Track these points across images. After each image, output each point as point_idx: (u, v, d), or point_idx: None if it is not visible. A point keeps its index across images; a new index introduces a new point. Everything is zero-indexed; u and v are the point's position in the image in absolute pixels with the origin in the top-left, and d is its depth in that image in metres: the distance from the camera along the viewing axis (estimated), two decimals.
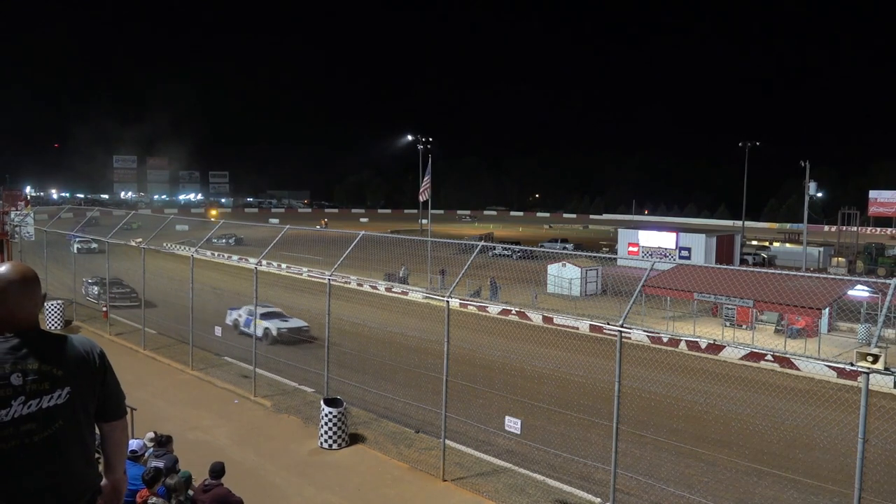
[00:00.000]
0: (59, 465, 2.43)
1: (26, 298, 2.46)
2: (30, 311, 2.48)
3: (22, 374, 2.35)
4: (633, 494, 10.74)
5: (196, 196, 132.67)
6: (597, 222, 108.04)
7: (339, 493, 10.69)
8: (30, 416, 2.36)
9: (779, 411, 14.12)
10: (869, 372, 7.39)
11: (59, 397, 2.42)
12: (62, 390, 2.43)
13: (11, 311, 2.41)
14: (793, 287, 20.22)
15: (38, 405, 2.37)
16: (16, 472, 2.33)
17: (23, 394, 2.34)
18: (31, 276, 2.51)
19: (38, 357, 2.40)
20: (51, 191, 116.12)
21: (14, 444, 2.32)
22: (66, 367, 2.46)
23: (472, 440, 12.68)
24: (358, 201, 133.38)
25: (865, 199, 69.63)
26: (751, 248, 51.44)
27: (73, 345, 2.55)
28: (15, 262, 2.56)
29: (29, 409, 2.36)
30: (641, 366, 15.42)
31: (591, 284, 30.99)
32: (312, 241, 30.53)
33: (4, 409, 2.32)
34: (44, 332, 2.51)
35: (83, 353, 2.54)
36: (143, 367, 17.53)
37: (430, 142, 43.58)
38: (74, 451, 2.49)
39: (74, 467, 2.49)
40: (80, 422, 2.51)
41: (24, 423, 2.34)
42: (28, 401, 2.35)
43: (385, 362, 16.80)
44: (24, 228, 26.09)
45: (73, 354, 2.51)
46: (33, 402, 2.37)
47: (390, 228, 66.21)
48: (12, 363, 2.35)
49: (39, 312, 2.54)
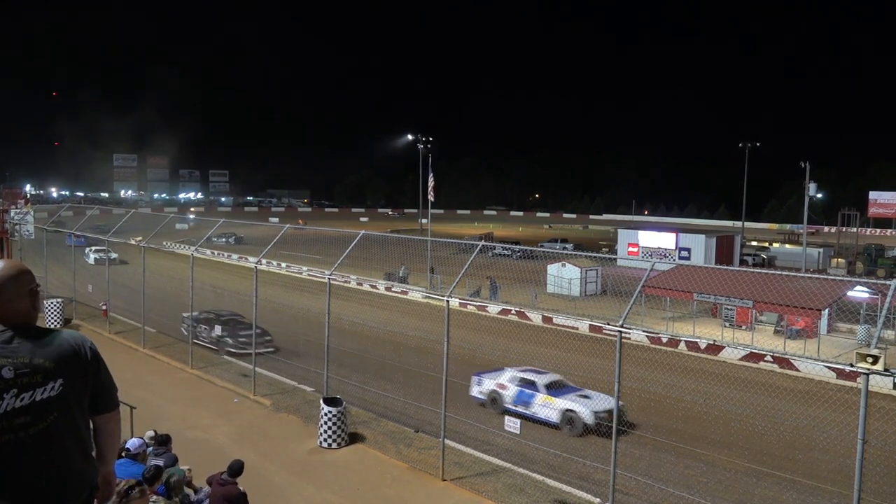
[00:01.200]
0: (55, 458, 2.43)
1: (17, 293, 2.47)
2: (22, 306, 2.48)
3: (13, 368, 2.36)
4: (633, 495, 10.74)
5: (196, 195, 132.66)
6: (596, 222, 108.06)
7: (338, 493, 10.69)
8: (23, 409, 2.36)
9: (778, 412, 14.12)
10: (868, 373, 7.40)
11: (52, 389, 2.42)
12: (55, 382, 2.43)
13: (3, 305, 2.42)
14: (792, 288, 20.22)
15: (32, 398, 2.38)
16: (12, 466, 2.33)
17: (15, 387, 2.34)
18: (23, 272, 2.53)
19: (30, 350, 2.41)
20: (50, 189, 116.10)
21: (8, 438, 2.32)
22: (58, 360, 2.47)
23: (471, 440, 12.69)
24: (358, 201, 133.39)
25: (865, 200, 69.65)
26: (751, 249, 51.45)
27: (64, 338, 2.56)
28: (8, 259, 2.58)
29: (22, 401, 2.36)
30: (641, 366, 15.42)
31: (590, 284, 30.99)
32: (312, 241, 30.53)
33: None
34: (35, 327, 2.52)
35: (74, 347, 2.55)
36: (143, 365, 17.53)
37: (431, 141, 43.57)
38: (70, 444, 2.49)
39: (72, 462, 2.49)
40: (75, 415, 2.52)
41: (18, 416, 2.35)
42: (21, 394, 2.36)
43: (385, 362, 16.80)
44: (23, 227, 26.09)
45: (65, 348, 2.52)
46: (26, 394, 2.37)
47: (390, 228, 66.24)
48: (3, 357, 2.35)
49: (36, 309, 2.54)
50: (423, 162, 41.86)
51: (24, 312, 2.49)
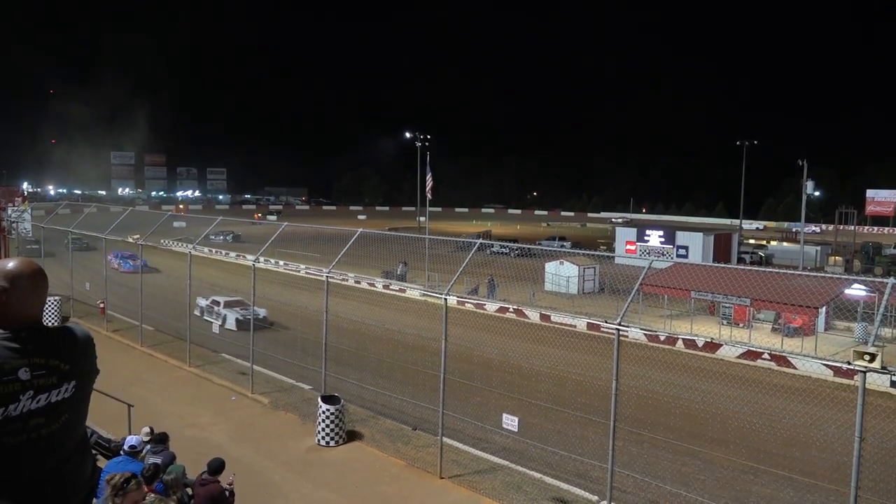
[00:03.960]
0: (62, 458, 2.43)
1: (34, 293, 2.46)
2: (36, 307, 2.48)
3: (30, 369, 2.36)
4: (630, 492, 10.76)
5: (194, 192, 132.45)
6: (595, 220, 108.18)
7: (336, 491, 10.69)
8: (38, 410, 2.36)
9: (776, 410, 14.16)
10: (866, 371, 7.42)
11: (66, 391, 2.43)
12: (69, 384, 2.44)
13: (19, 305, 2.41)
14: (790, 286, 20.26)
15: (47, 399, 2.38)
16: (23, 466, 2.33)
17: (31, 388, 2.34)
18: (38, 272, 2.52)
19: (45, 351, 2.41)
20: (48, 187, 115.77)
21: (22, 439, 2.32)
22: (73, 361, 2.48)
23: (469, 438, 12.70)
24: (356, 198, 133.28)
25: (863, 199, 69.77)
26: (748, 247, 51.52)
27: (77, 337, 2.56)
28: (23, 258, 2.57)
29: (38, 403, 2.36)
30: (639, 364, 15.43)
31: (588, 282, 31.02)
32: (310, 239, 30.52)
33: (13, 403, 2.31)
34: (48, 327, 2.51)
35: (85, 346, 2.56)
36: (141, 363, 17.52)
37: (429, 139, 43.56)
38: (74, 443, 2.50)
39: (75, 461, 2.50)
40: (81, 414, 2.53)
41: (33, 417, 2.34)
42: (37, 395, 2.35)
43: (383, 359, 16.80)
44: (21, 224, 26.06)
45: (79, 348, 2.53)
46: (42, 396, 2.37)
47: (388, 226, 66.20)
48: (21, 357, 2.35)
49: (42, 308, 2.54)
50: (421, 160, 41.85)
51: (37, 313, 2.48)
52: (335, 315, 15.11)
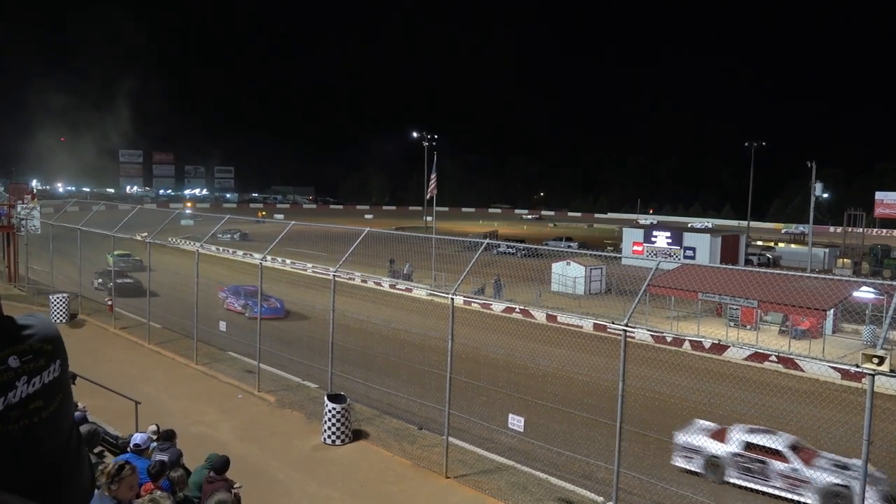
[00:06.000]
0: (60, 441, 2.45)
1: None
2: None
3: (17, 356, 2.38)
4: (636, 493, 10.74)
5: (202, 191, 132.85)
6: (602, 220, 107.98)
7: (342, 489, 10.71)
8: (35, 393, 2.38)
9: (783, 412, 14.08)
10: (874, 374, 7.37)
11: (55, 371, 2.45)
12: (55, 363, 2.46)
13: None
14: (797, 288, 20.15)
15: (41, 381, 2.40)
16: (25, 452, 2.35)
17: (24, 374, 2.37)
18: None
19: (24, 336, 2.43)
20: (56, 184, 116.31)
21: (24, 424, 2.34)
22: (53, 341, 2.51)
23: (475, 437, 12.70)
24: (362, 198, 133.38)
25: (871, 200, 69.26)
26: (756, 249, 51.29)
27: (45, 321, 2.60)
28: None
29: (34, 387, 2.38)
30: (645, 365, 15.40)
31: (595, 283, 30.96)
32: (317, 238, 30.58)
33: (11, 391, 2.34)
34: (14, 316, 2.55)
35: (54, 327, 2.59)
36: (148, 360, 17.59)
37: (436, 139, 43.58)
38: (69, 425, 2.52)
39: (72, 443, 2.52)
40: (70, 393, 2.56)
41: (32, 401, 2.36)
42: (31, 379, 2.38)
43: (389, 359, 16.82)
44: (30, 221, 26.20)
45: (51, 329, 2.56)
46: (35, 379, 2.39)
47: (395, 225, 66.24)
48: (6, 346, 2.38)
49: None
50: (427, 159, 41.86)
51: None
52: (341, 314, 15.13)
